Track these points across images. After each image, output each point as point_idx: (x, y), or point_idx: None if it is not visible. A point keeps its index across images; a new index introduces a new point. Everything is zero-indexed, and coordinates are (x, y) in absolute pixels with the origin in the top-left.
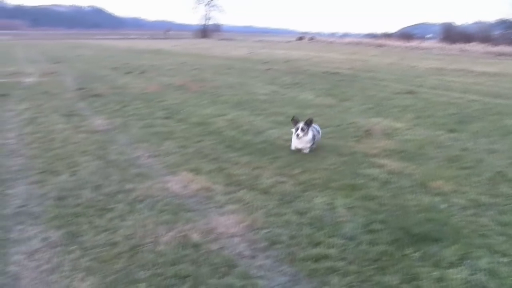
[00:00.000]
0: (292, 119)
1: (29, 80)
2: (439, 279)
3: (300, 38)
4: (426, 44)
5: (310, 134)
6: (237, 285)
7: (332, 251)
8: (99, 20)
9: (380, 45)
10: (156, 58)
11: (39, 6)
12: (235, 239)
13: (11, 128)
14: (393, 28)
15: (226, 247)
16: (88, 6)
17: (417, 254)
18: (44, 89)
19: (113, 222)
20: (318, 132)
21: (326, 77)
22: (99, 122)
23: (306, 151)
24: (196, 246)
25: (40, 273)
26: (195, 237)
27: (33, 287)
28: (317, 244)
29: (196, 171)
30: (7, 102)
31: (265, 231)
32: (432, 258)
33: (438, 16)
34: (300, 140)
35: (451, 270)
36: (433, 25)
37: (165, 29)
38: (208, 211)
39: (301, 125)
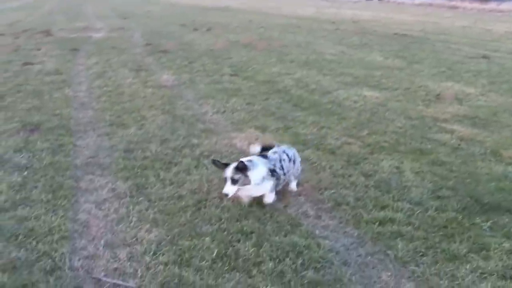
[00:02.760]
0: (214, 163)
1: (98, 35)
2: (510, 251)
3: None
4: (504, 6)
5: (257, 174)
6: (301, 244)
7: (398, 215)
8: None
9: (454, 7)
10: (223, 15)
11: None
12: (300, 198)
13: (81, 81)
14: None
15: (291, 206)
16: None
17: (487, 224)
18: (113, 44)
19: (179, 176)
20: (289, 161)
21: (396, 39)
22: (166, 77)
23: (269, 199)
24: (260, 203)
25: (107, 222)
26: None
27: (101, 235)
28: (383, 207)
29: (262, 128)
30: (77, 57)
31: (331, 191)
32: (503, 228)
33: None
34: (247, 189)
35: None
36: None
37: None
38: None
39: (230, 174)
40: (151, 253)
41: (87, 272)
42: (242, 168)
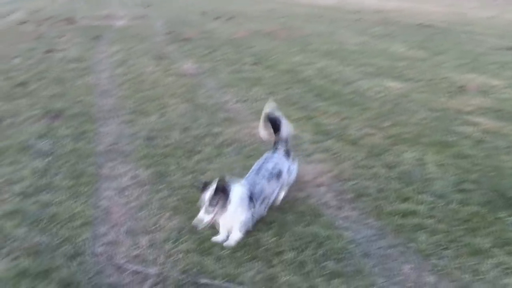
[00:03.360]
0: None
1: (120, 23)
2: None
3: None
4: None
5: (234, 202)
6: (322, 235)
7: (420, 208)
8: None
9: None
10: (245, 4)
11: None
12: (322, 189)
13: (103, 69)
14: None
15: (312, 196)
16: None
17: (511, 219)
18: (135, 32)
19: (201, 165)
20: (270, 179)
21: (419, 29)
22: (188, 65)
23: (232, 241)
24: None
25: (129, 209)
26: None
27: (123, 222)
28: (405, 199)
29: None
30: (99, 44)
31: (352, 182)
32: None
33: None
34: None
35: None
36: None
37: None
38: (295, 159)
39: (208, 195)
40: (172, 241)
41: (109, 258)
42: (222, 188)
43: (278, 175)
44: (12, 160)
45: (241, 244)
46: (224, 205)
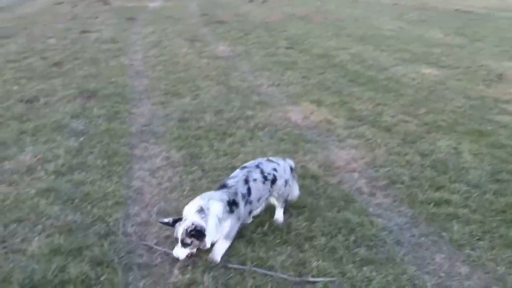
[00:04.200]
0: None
1: (154, 4)
2: None
3: None
4: None
5: (211, 229)
6: (354, 221)
7: (454, 197)
8: None
9: None
10: None
11: None
12: (355, 175)
13: (137, 50)
14: None
15: (344, 182)
16: None
17: None
18: (169, 14)
19: (233, 147)
20: (265, 181)
21: (457, 15)
22: (221, 48)
23: (216, 255)
24: (314, 178)
25: (161, 190)
26: (314, 169)
27: (154, 202)
28: (439, 188)
29: (318, 103)
30: (133, 25)
31: (386, 169)
32: None
33: None
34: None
35: None
36: None
37: None
38: (328, 144)
39: (180, 235)
40: None
41: (140, 239)
42: (195, 234)
43: (274, 181)
44: (47, 138)
45: (273, 228)
46: (200, 246)
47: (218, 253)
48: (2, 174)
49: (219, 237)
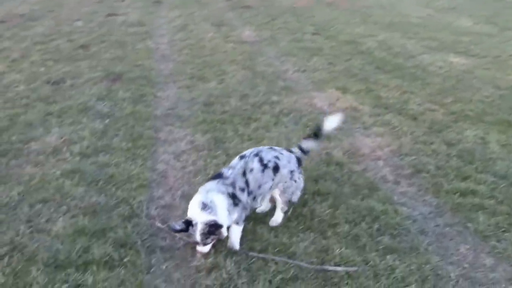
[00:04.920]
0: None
1: None
2: None
3: None
4: None
5: (223, 220)
6: (378, 209)
7: (480, 188)
8: None
9: None
10: None
11: None
12: (379, 163)
13: (163, 34)
14: None
15: (369, 169)
16: None
17: None
18: None
19: (258, 132)
20: (263, 169)
21: (488, 3)
22: (248, 33)
23: (234, 243)
24: (339, 165)
25: (185, 174)
26: (339, 155)
27: (178, 186)
28: (465, 178)
29: (343, 89)
30: (160, 9)
31: (411, 158)
32: None
33: None
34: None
35: None
36: None
37: None
38: (353, 131)
39: (198, 232)
40: None
41: (164, 221)
42: (212, 231)
43: (276, 170)
44: (72, 120)
45: (296, 214)
46: (218, 232)
47: (235, 241)
48: (29, 155)
49: (230, 225)
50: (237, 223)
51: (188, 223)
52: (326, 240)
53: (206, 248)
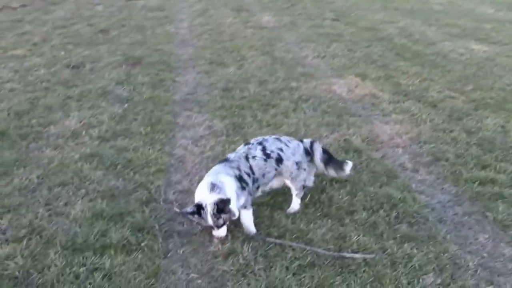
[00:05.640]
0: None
1: None
2: None
3: None
4: None
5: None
6: (396, 197)
7: (500, 177)
8: None
9: None
10: None
11: None
12: (398, 150)
13: (183, 18)
14: None
15: (388, 157)
16: None
17: None
18: None
19: (277, 118)
20: (266, 158)
21: None
22: (267, 18)
23: (250, 231)
24: (357, 151)
25: (203, 159)
26: (358, 142)
27: (196, 171)
28: (485, 166)
29: (363, 76)
30: None
31: (430, 145)
32: None
33: None
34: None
35: None
36: None
37: None
38: (372, 118)
39: (209, 214)
40: None
41: (181, 206)
42: (222, 209)
43: (280, 160)
44: (91, 104)
45: (314, 201)
46: (229, 211)
47: (248, 225)
48: (48, 138)
49: (238, 209)
50: (245, 207)
51: (199, 207)
52: (344, 227)
53: (222, 231)
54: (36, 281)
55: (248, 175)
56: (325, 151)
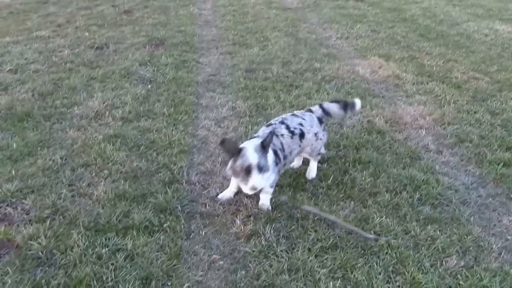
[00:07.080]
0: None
1: None
2: None
3: None
4: None
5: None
6: (419, 179)
7: None
8: None
9: None
10: None
11: None
12: (422, 131)
13: None
14: None
15: (411, 138)
16: None
17: None
18: None
19: (300, 99)
20: (293, 135)
21: None
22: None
23: (265, 202)
24: (380, 133)
25: None
26: (381, 124)
27: (219, 152)
28: (509, 148)
29: (386, 57)
30: None
31: (454, 127)
32: None
33: None
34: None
35: None
36: None
37: None
38: (395, 99)
39: (253, 158)
40: None
41: (203, 187)
42: (268, 143)
43: (303, 135)
44: (115, 85)
45: (337, 182)
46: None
47: (266, 200)
48: (71, 119)
49: (265, 186)
50: (270, 187)
51: (240, 151)
52: (366, 209)
53: (260, 180)
54: (59, 261)
55: (281, 150)
56: (335, 101)
